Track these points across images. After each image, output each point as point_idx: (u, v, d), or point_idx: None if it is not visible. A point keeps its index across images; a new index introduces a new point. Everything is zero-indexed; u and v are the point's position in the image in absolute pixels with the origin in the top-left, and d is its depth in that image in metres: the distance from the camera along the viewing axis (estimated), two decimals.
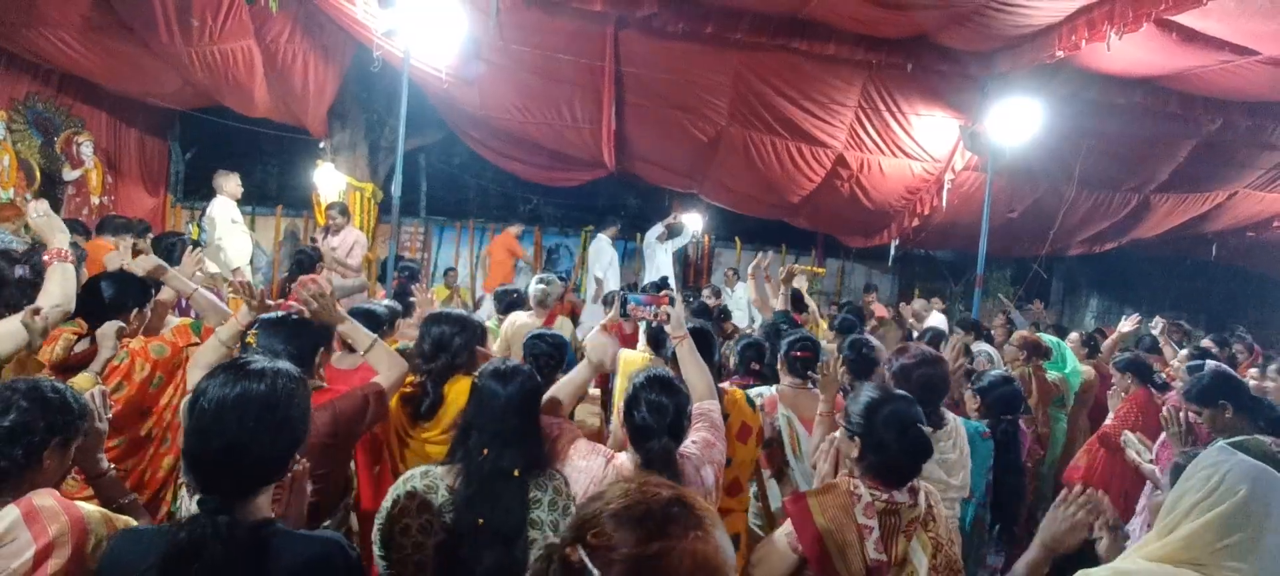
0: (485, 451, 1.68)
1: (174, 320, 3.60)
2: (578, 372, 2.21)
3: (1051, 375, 4.64)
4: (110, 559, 1.22)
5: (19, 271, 2.94)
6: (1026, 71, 5.66)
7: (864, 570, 1.58)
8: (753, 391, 2.65)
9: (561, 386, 2.19)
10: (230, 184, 6.41)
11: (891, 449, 1.65)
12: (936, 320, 6.57)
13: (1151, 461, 2.84)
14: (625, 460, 1.84)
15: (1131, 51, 5.01)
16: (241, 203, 6.93)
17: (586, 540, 0.85)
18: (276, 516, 1.30)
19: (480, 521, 1.62)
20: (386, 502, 1.68)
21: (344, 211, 6.61)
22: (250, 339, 2.08)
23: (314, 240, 6.91)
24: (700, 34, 5.62)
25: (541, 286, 4.30)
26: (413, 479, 1.70)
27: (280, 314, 2.16)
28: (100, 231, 4.62)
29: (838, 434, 1.88)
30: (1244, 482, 1.29)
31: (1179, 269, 10.74)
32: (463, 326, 2.36)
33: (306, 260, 5.19)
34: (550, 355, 2.68)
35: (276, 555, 1.19)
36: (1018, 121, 5.78)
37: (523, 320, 4.15)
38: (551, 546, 0.91)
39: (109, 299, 2.36)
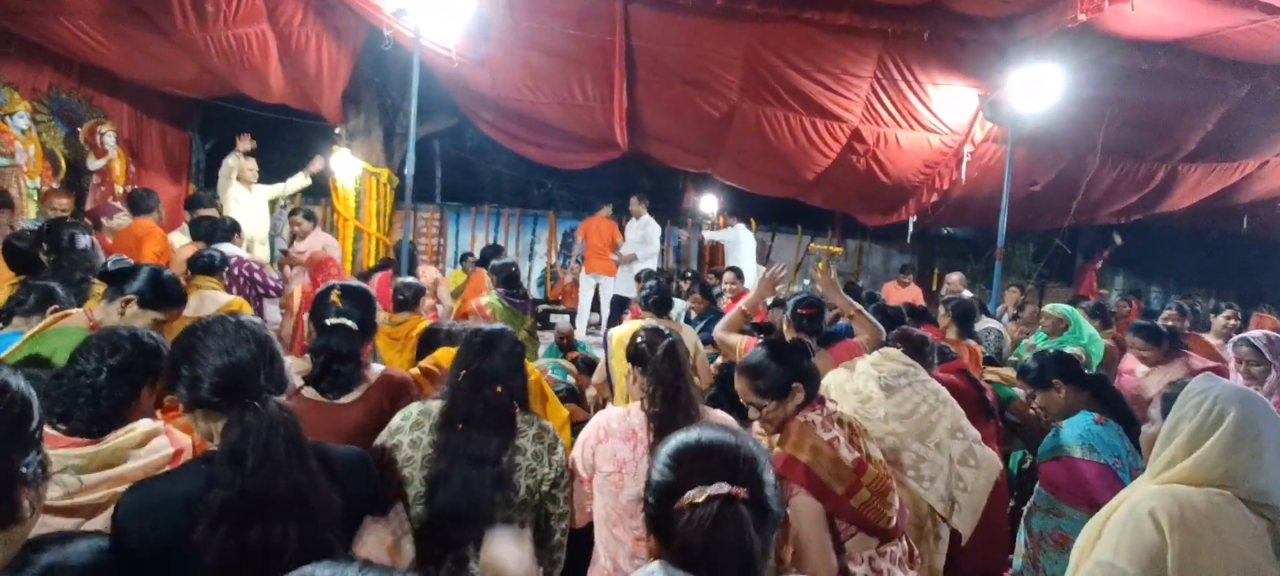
0: (475, 388, 1.78)
1: (224, 297, 3.75)
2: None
3: (1071, 348, 4.54)
4: (135, 510, 1.19)
5: (82, 242, 2.98)
6: (1048, 37, 5.52)
7: (852, 474, 1.75)
8: None
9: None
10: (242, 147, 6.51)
11: (814, 374, 1.94)
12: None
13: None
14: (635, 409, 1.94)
15: (1157, 12, 4.87)
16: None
17: None
18: None
19: (465, 439, 1.72)
20: (384, 431, 1.80)
21: (309, 216, 6.13)
22: (335, 298, 2.05)
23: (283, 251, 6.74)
24: (711, 6, 5.55)
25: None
26: (411, 409, 1.83)
27: (359, 284, 2.23)
28: (134, 211, 4.82)
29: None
30: (1233, 405, 1.38)
31: (1206, 242, 10.46)
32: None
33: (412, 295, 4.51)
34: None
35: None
36: (1039, 89, 5.63)
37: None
38: None
39: None
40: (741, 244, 8.13)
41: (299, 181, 6.97)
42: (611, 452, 1.84)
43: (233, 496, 1.14)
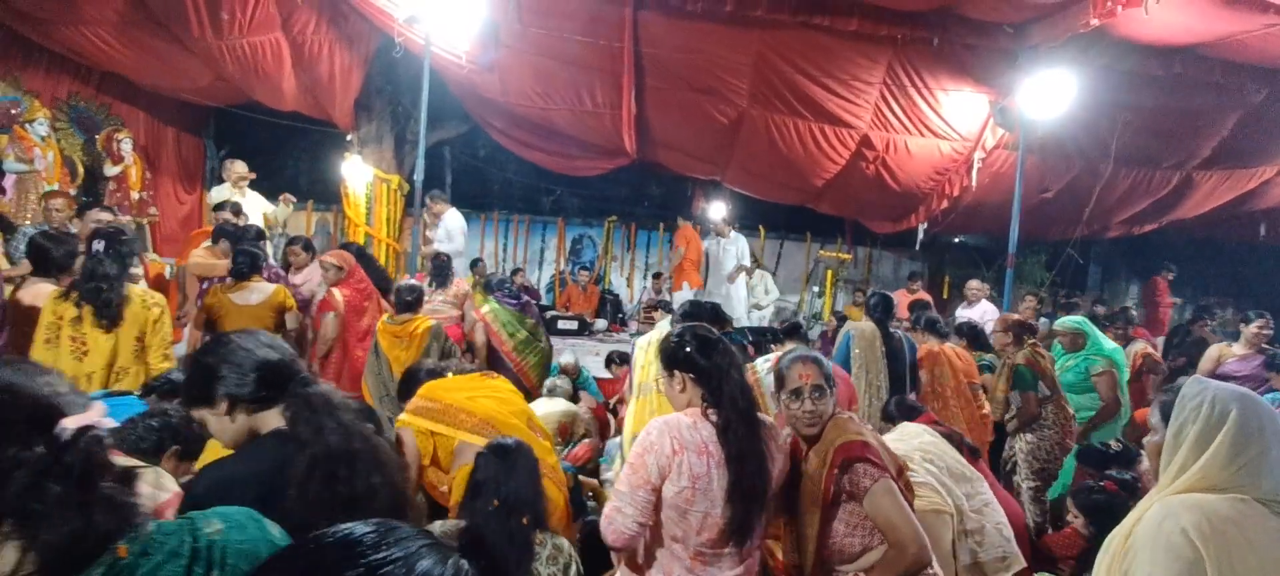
0: (496, 503, 1.76)
1: (268, 286, 4.00)
2: None
3: (1100, 363, 4.33)
4: (211, 489, 1.22)
5: (108, 267, 3.03)
6: (1060, 42, 5.49)
7: (892, 455, 2.01)
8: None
9: None
10: (235, 170, 6.47)
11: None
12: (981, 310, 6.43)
13: None
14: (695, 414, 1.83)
15: (1171, 17, 4.83)
16: (274, 198, 6.94)
17: None
18: None
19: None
20: None
21: (307, 246, 5.35)
22: None
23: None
24: (719, 12, 5.57)
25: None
26: None
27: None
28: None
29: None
30: (1233, 404, 1.36)
31: (1223, 252, 10.31)
32: None
33: (414, 298, 4.28)
34: None
35: None
36: (1051, 95, 5.60)
37: None
38: None
39: None
40: (728, 254, 7.98)
41: (284, 212, 6.68)
42: (687, 465, 1.72)
43: (320, 452, 1.19)
